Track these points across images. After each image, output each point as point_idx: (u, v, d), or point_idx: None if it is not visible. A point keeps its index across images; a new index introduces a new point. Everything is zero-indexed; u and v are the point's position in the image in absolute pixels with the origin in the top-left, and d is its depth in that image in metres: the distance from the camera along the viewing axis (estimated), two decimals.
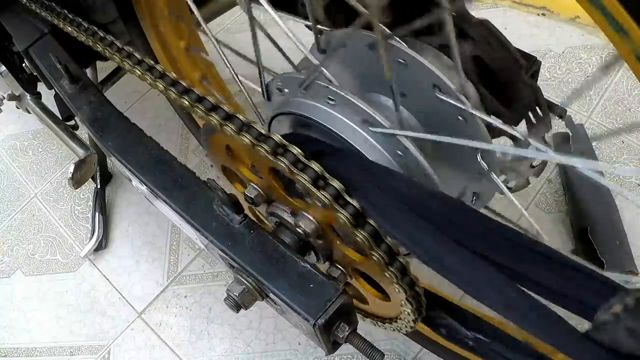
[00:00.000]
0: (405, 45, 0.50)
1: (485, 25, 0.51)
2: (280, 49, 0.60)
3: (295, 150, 0.50)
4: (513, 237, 0.42)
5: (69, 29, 0.74)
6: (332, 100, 0.53)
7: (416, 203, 0.46)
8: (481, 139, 0.50)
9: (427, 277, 0.56)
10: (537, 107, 0.52)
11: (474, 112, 0.48)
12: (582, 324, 0.38)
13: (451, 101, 0.49)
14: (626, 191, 1.09)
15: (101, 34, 0.70)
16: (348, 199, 0.48)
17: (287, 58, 0.60)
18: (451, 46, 0.44)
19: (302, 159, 0.49)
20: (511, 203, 0.55)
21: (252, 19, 0.55)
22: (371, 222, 0.49)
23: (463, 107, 0.49)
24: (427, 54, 0.52)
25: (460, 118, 0.50)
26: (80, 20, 0.74)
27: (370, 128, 0.52)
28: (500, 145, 0.47)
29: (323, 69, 0.54)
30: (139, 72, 0.62)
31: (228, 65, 0.69)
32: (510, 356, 0.52)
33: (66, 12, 0.76)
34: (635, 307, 0.34)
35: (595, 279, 0.38)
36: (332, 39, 0.56)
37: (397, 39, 0.50)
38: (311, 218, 0.55)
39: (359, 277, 0.59)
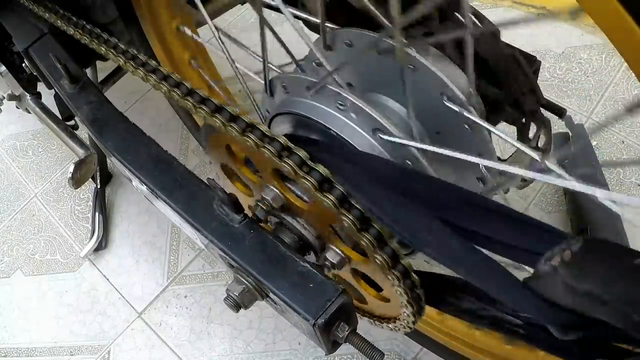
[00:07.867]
0: (415, 51, 0.50)
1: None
2: (285, 46, 0.59)
3: (302, 153, 0.50)
4: (465, 196, 0.44)
5: (70, 30, 0.74)
6: (342, 105, 0.53)
7: (375, 173, 0.49)
8: (485, 148, 0.51)
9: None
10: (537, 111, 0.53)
11: (480, 122, 0.49)
12: None
13: (457, 109, 0.50)
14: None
15: (105, 37, 0.70)
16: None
17: (291, 55, 0.60)
18: (466, 56, 0.44)
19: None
20: (511, 203, 0.55)
21: (261, 16, 0.54)
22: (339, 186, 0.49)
23: (470, 116, 0.49)
24: (436, 60, 0.52)
25: (466, 126, 0.51)
26: (82, 22, 0.74)
27: (381, 135, 0.52)
28: (511, 167, 0.46)
29: (336, 76, 0.53)
30: (132, 68, 0.62)
31: (232, 63, 0.69)
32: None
33: (65, 13, 0.76)
34: (574, 261, 0.33)
35: (544, 230, 0.39)
36: (338, 37, 0.55)
37: (412, 48, 0.50)
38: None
39: (351, 250, 0.58)
